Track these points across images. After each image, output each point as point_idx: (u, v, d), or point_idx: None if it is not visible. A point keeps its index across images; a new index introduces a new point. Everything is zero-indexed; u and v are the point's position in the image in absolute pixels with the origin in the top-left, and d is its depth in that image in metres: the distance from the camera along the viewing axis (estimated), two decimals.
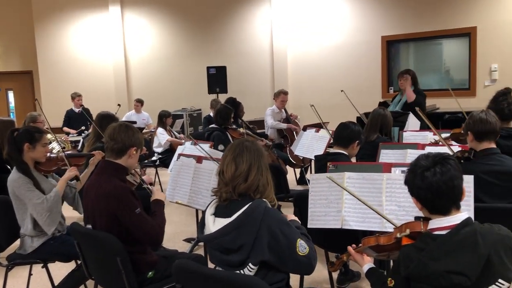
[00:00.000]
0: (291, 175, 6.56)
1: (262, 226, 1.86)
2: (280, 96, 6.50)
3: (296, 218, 2.19)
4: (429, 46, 8.37)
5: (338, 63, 8.83)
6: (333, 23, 8.81)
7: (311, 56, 9.11)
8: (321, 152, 4.52)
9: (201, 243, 4.05)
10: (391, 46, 8.50)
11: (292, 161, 6.08)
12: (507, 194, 2.78)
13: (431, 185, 1.68)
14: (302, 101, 9.05)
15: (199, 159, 3.49)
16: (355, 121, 6.77)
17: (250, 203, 1.91)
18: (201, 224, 2.07)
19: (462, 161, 2.95)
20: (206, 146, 4.43)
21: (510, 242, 1.65)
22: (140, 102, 8.56)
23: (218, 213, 2.01)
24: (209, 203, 2.08)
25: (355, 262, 2.10)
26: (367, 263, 2.03)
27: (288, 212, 2.29)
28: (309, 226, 2.74)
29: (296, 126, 6.43)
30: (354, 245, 2.08)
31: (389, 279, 1.78)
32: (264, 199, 1.97)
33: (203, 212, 2.10)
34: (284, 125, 6.38)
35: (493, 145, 2.88)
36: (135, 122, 7.04)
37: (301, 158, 5.86)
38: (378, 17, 8.34)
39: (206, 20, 10.04)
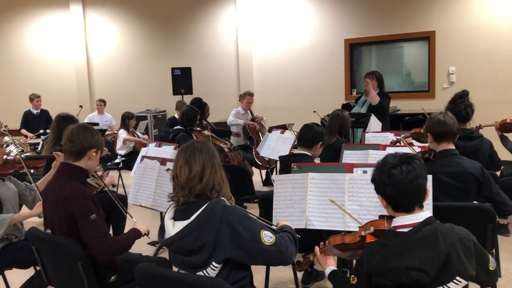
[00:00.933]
0: (257, 176, 6.58)
1: (222, 224, 1.87)
2: (246, 97, 6.50)
3: (287, 223, 2.22)
4: (390, 49, 8.58)
5: (303, 65, 8.92)
6: (297, 26, 8.90)
7: (276, 58, 9.17)
8: (286, 153, 4.56)
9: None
10: (354, 49, 8.67)
11: (258, 162, 6.10)
12: (462, 195, 2.88)
13: (397, 182, 1.73)
14: (268, 103, 9.10)
15: (163, 161, 3.45)
16: (320, 123, 6.89)
17: (208, 203, 1.92)
18: (161, 229, 2.06)
19: (425, 161, 3.05)
20: (170, 147, 4.39)
21: (469, 243, 1.71)
22: (103, 102, 8.37)
23: (177, 217, 2.00)
24: (168, 208, 2.08)
25: (320, 265, 2.13)
26: (330, 266, 2.06)
27: (255, 213, 2.30)
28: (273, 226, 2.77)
29: (255, 124, 6.41)
30: (322, 243, 2.11)
31: (352, 276, 1.82)
32: (222, 197, 1.99)
33: (162, 218, 2.09)
34: (240, 121, 6.35)
35: (452, 146, 2.98)
36: (97, 124, 6.89)
37: (267, 159, 5.89)
38: (341, 20, 8.49)
39: (171, 20, 9.94)
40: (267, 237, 1.90)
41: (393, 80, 8.30)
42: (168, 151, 4.30)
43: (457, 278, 1.65)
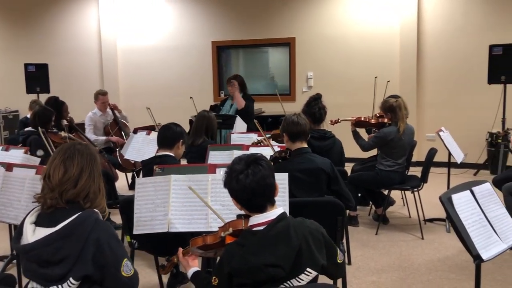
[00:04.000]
0: (122, 180, 6.30)
1: (90, 238, 1.73)
2: (99, 98, 6.12)
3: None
4: (256, 53, 8.91)
5: (171, 65, 8.81)
6: (164, 25, 8.75)
7: (143, 57, 8.91)
8: (152, 155, 4.44)
9: (15, 261, 3.61)
10: (222, 52, 8.82)
11: (123, 165, 5.85)
12: (315, 189, 3.12)
13: (245, 187, 1.79)
14: (135, 103, 8.80)
15: (8, 167, 3.10)
16: (189, 123, 6.84)
17: (79, 213, 1.77)
18: (17, 234, 1.83)
19: (280, 160, 3.22)
20: (20, 152, 3.97)
21: (319, 235, 1.84)
22: None
23: (40, 222, 1.81)
24: (30, 211, 1.87)
25: (183, 267, 2.12)
26: (193, 267, 2.06)
27: (117, 219, 2.18)
28: (135, 232, 2.67)
29: (118, 140, 6.10)
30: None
31: (214, 277, 1.83)
32: (96, 209, 1.85)
33: (22, 221, 1.86)
34: (103, 139, 6.03)
35: (305, 145, 3.20)
36: None
37: (133, 162, 5.67)
38: (208, 22, 8.57)
39: (23, 12, 9.04)
40: (127, 267, 1.81)
41: (259, 83, 8.64)
42: (18, 155, 3.88)
43: (308, 269, 1.76)
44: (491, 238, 2.22)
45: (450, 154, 4.75)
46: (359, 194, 5.03)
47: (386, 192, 4.81)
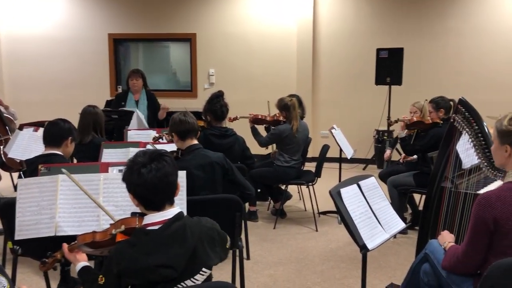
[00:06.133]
0: (7, 180, 5.78)
1: None
2: None
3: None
4: (158, 48, 8.69)
5: (62, 57, 8.25)
6: (53, 13, 8.17)
7: (31, 48, 8.23)
8: (40, 153, 4.11)
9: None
10: (120, 45, 8.46)
11: (7, 164, 5.35)
12: (213, 184, 3.12)
13: (146, 181, 1.71)
14: (21, 97, 8.11)
15: None
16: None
17: None
18: None
19: None
20: None
21: (213, 233, 1.83)
22: None
23: None
24: None
25: (71, 261, 1.98)
26: (81, 262, 1.93)
27: None
28: (17, 237, 2.45)
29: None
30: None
31: (100, 276, 1.74)
32: None
33: None
34: None
35: (196, 141, 3.20)
36: None
37: (19, 161, 5.21)
38: (104, 13, 8.16)
39: None
40: (1, 285, 1.65)
41: (160, 79, 8.44)
42: None
43: (203, 269, 1.75)
44: (376, 228, 2.40)
45: (341, 150, 5.05)
46: (259, 190, 5.15)
47: (283, 187, 4.97)
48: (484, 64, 7.15)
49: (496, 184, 2.66)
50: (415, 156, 4.63)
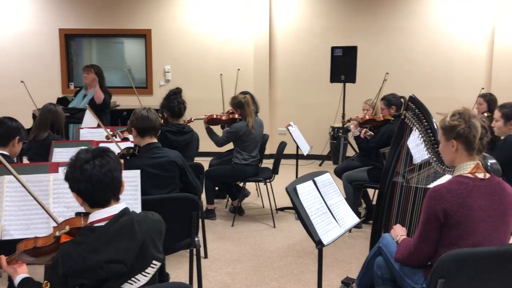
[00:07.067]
0: None
1: None
2: None
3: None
4: (112, 44, 8.46)
5: (8, 52, 7.88)
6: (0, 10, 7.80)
7: None
8: None
9: None
10: (72, 41, 8.17)
11: None
12: (170, 183, 3.08)
13: (90, 177, 1.67)
14: None
15: None
16: (32, 117, 6.21)
17: None
18: None
19: (128, 157, 3.09)
20: None
21: (161, 226, 1.82)
22: None
23: None
24: None
25: (10, 275, 1.88)
26: (20, 274, 1.85)
27: None
28: None
29: None
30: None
31: (45, 282, 1.67)
32: None
33: None
34: None
35: (155, 140, 3.14)
36: None
37: None
38: (54, 8, 7.85)
39: None
40: None
41: (115, 75, 8.23)
42: None
43: (154, 262, 1.73)
44: (331, 224, 2.43)
45: (298, 147, 5.11)
46: (216, 188, 5.13)
47: (241, 185, 4.97)
48: (434, 62, 7.43)
49: (446, 178, 2.76)
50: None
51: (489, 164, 2.68)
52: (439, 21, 7.35)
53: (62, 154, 3.44)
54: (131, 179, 2.49)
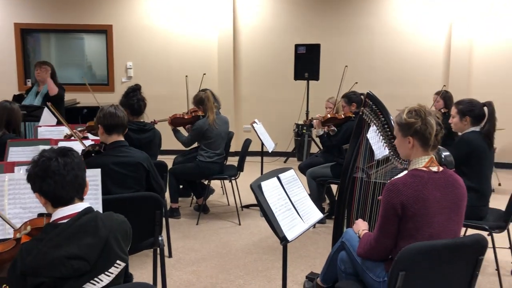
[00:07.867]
0: None
1: None
2: None
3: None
4: (71, 40, 8.21)
5: None
6: None
7: None
8: None
9: None
10: (29, 36, 7.89)
11: None
12: (136, 184, 3.02)
13: (54, 174, 1.65)
14: None
15: None
16: None
17: None
18: None
19: (93, 154, 3.01)
20: None
21: (126, 226, 1.79)
22: None
23: None
24: None
25: None
26: None
27: None
28: None
29: None
30: None
31: (4, 285, 1.60)
32: None
33: None
34: None
35: (122, 138, 3.07)
36: None
37: None
38: (9, 1, 7.56)
39: None
40: None
41: (75, 72, 8.00)
42: None
43: (118, 261, 1.70)
44: (295, 220, 2.45)
45: (262, 144, 5.13)
46: (181, 186, 5.07)
47: (206, 182, 4.94)
48: (393, 60, 7.61)
49: (404, 173, 2.83)
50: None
51: (443, 156, 2.77)
52: (399, 20, 7.53)
53: (18, 153, 3.32)
54: (92, 178, 2.42)
